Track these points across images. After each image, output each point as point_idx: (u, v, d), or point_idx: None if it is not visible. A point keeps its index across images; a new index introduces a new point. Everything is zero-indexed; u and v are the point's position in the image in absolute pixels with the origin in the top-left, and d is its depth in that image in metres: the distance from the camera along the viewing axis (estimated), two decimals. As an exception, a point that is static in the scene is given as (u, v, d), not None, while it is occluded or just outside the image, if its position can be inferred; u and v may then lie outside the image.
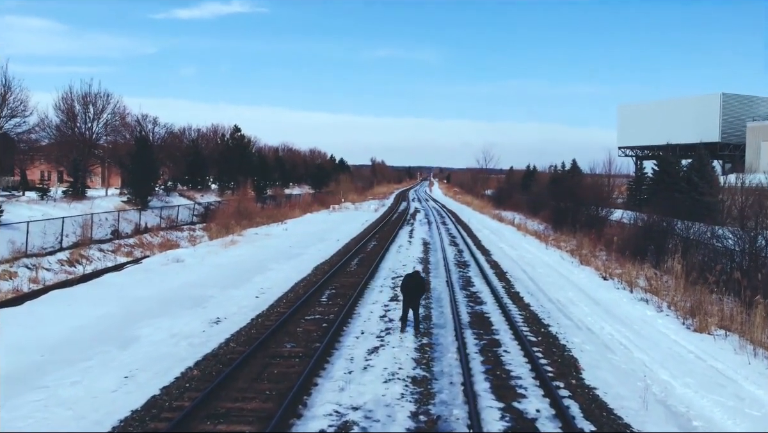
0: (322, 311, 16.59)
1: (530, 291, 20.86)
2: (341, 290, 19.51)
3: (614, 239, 35.88)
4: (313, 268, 24.41)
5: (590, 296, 20.88)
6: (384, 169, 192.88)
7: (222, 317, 16.20)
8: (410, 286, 14.49)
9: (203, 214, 48.65)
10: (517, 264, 27.59)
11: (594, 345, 14.51)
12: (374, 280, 21.60)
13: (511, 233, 44.59)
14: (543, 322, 16.22)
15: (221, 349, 13.13)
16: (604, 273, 26.65)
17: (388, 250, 29.97)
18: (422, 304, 17.40)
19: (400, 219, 51.57)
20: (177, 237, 39.54)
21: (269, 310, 16.79)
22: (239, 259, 27.16)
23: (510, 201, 76.76)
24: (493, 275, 23.64)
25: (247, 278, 22.27)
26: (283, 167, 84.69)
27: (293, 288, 20.04)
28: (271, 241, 34.61)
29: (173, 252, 29.47)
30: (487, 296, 19.25)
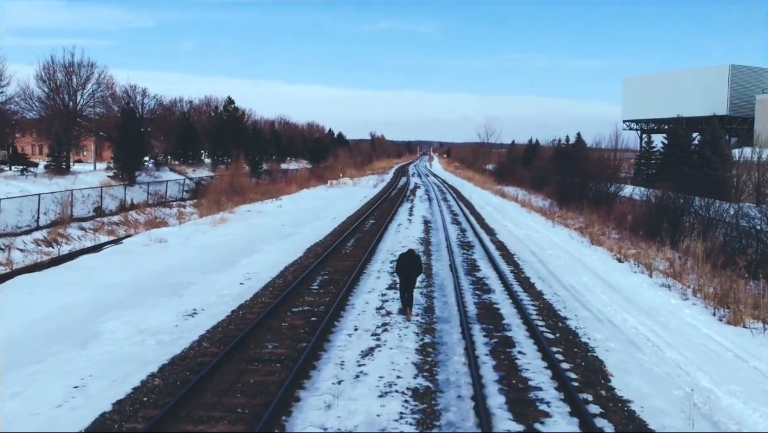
0: (312, 301, 14.81)
1: (541, 276, 19.09)
2: (335, 276, 17.74)
3: (628, 217, 34.12)
4: (305, 249, 22.62)
5: (606, 282, 19.12)
6: (383, 144, 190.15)
7: (199, 308, 14.43)
8: (406, 266, 13.47)
9: (194, 190, 46.73)
10: (525, 244, 25.80)
11: (619, 342, 12.76)
12: (371, 263, 19.81)
13: (515, 210, 42.76)
14: (559, 314, 14.45)
15: (192, 350, 11.37)
16: (618, 254, 24.89)
17: (387, 229, 28.15)
18: (424, 293, 15.66)
19: (400, 195, 49.68)
20: (165, 214, 37.69)
21: (253, 300, 15.01)
22: (227, 239, 25.36)
23: (512, 176, 74.75)
24: (500, 257, 21.85)
25: (233, 261, 20.49)
26: (280, 141, 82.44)
27: (282, 273, 18.25)
28: (264, 219, 32.79)
29: (157, 231, 27.64)
30: (495, 282, 17.47)
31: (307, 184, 61.02)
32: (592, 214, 39.03)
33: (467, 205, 43.03)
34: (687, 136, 50.66)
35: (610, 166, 43.71)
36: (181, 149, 57.47)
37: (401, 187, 61.27)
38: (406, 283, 13.56)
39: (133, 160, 42.49)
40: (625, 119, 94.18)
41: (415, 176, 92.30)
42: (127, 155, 41.85)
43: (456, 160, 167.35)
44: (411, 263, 13.56)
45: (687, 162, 47.33)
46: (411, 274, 13.52)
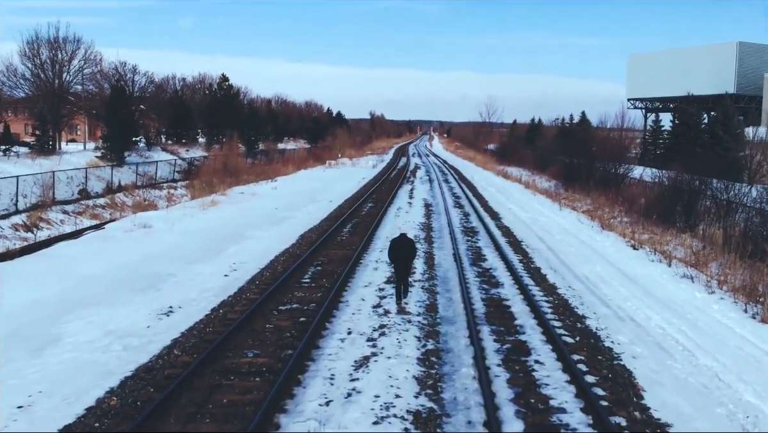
0: (302, 297, 13.35)
1: (552, 266, 17.63)
2: (328, 267, 16.27)
3: (641, 200, 32.61)
4: (298, 236, 21.13)
5: (623, 271, 17.66)
6: (383, 123, 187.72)
7: (177, 305, 12.98)
8: (399, 252, 12.54)
9: (186, 170, 45.11)
10: (532, 230, 24.31)
11: (646, 346, 11.32)
12: (368, 253, 18.33)
13: (519, 192, 41.22)
14: (576, 312, 13.00)
15: (161, 358, 9.92)
16: (631, 240, 23.43)
17: (386, 213, 26.64)
18: (426, 287, 14.21)
19: (400, 176, 48.09)
20: (155, 197, 36.16)
21: (237, 296, 13.55)
22: (216, 224, 23.85)
23: (515, 156, 73.03)
24: (507, 244, 20.38)
25: (220, 248, 19.02)
26: (277, 120, 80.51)
27: (272, 264, 16.78)
28: (257, 201, 31.26)
29: (143, 215, 26.11)
30: (503, 273, 16.00)
31: (305, 165, 59.34)
32: (600, 196, 37.52)
33: (469, 187, 41.49)
34: (697, 115, 48.87)
35: (618, 146, 42.02)
36: (174, 129, 55.66)
37: (401, 168, 59.65)
38: (400, 270, 12.62)
39: (123, 139, 40.79)
40: (630, 98, 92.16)
41: (415, 156, 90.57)
42: (117, 135, 40.16)
43: (456, 139, 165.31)
44: (404, 249, 12.56)
45: (697, 142, 45.64)
46: (405, 260, 12.57)
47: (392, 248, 12.68)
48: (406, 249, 12.56)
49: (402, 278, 12.68)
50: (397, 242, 12.67)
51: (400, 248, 12.54)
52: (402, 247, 12.55)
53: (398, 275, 12.73)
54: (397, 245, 12.59)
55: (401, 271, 12.62)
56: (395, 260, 12.64)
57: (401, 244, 12.61)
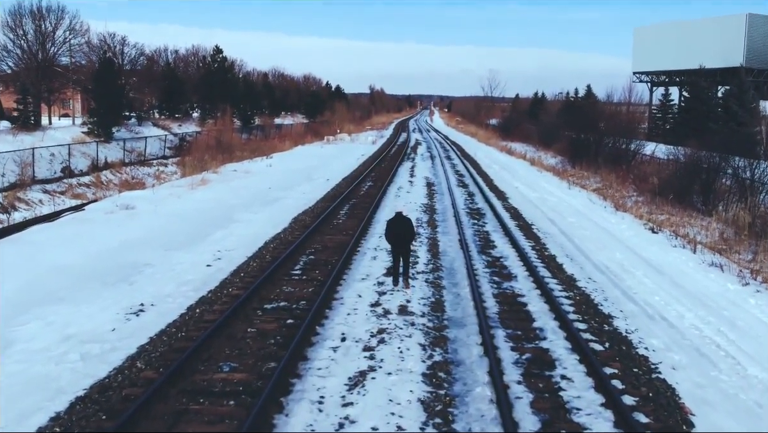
0: (291, 293, 11.85)
1: (568, 253, 16.12)
2: (322, 256, 14.75)
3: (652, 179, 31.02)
4: (291, 219, 19.60)
5: (645, 259, 16.16)
6: (383, 98, 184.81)
7: (150, 302, 11.49)
8: (395, 233, 12.05)
9: (178, 147, 43.38)
10: (541, 211, 22.77)
11: (684, 353, 9.85)
12: (366, 239, 16.80)
13: (524, 169, 39.59)
14: (601, 310, 11.52)
15: (122, 372, 8.46)
16: (648, 222, 21.92)
17: (386, 193, 25.05)
18: (430, 280, 12.71)
19: (400, 153, 46.38)
20: (143, 174, 34.54)
21: (218, 291, 12.05)
22: (204, 205, 22.29)
23: (518, 132, 71.19)
24: (516, 228, 18.85)
25: (205, 233, 17.49)
26: (273, 94, 78.35)
27: (260, 252, 15.26)
28: (250, 180, 29.67)
29: (127, 195, 24.56)
30: (515, 263, 14.48)
31: (302, 141, 57.54)
32: (610, 174, 35.92)
33: (473, 164, 39.84)
34: (709, 88, 46.96)
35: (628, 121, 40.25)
36: (166, 103, 53.71)
37: (401, 144, 57.88)
38: (397, 251, 12.20)
39: (111, 114, 38.96)
40: (636, 71, 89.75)
41: (415, 132, 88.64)
42: (104, 109, 38.35)
43: (457, 114, 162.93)
44: (401, 228, 12.04)
45: (710, 116, 43.85)
46: (402, 241, 12.08)
47: (389, 228, 12.17)
48: (403, 229, 12.03)
49: (401, 258, 12.21)
50: (393, 222, 12.14)
51: (397, 227, 12.04)
52: (399, 226, 12.04)
53: (396, 256, 12.25)
54: (394, 225, 12.09)
55: (399, 251, 12.16)
56: (393, 241, 12.16)
57: (398, 223, 12.08)
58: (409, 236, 12.13)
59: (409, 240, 12.19)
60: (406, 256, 12.32)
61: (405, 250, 12.22)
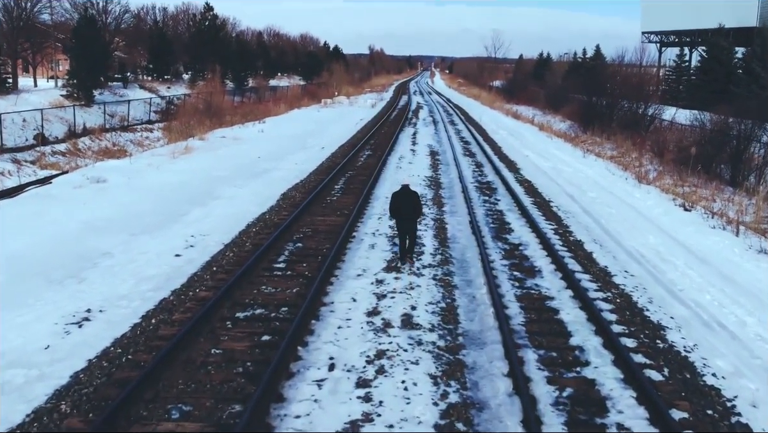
0: (271, 296, 9.77)
1: (596, 237, 14.03)
2: (312, 243, 12.64)
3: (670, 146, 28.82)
4: (280, 195, 17.45)
5: (683, 244, 14.09)
6: (383, 59, 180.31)
7: (98, 306, 9.44)
8: (401, 207, 11.03)
9: (165, 110, 40.90)
10: (557, 184, 20.61)
11: (759, 379, 7.83)
12: (363, 221, 14.66)
13: (533, 135, 37.24)
14: (648, 316, 9.49)
15: (40, 418, 6.43)
16: (677, 197, 19.81)
17: (386, 164, 22.82)
18: (438, 276, 10.64)
19: (401, 117, 43.89)
20: (126, 141, 32.22)
21: (183, 291, 9.99)
22: (184, 177, 20.11)
23: (524, 94, 68.44)
24: (533, 206, 16.71)
25: (180, 212, 15.38)
26: (268, 55, 75.19)
27: (240, 237, 13.16)
28: (239, 148, 27.39)
29: (101, 166, 22.37)
30: (538, 253, 12.38)
31: (298, 104, 54.91)
32: (626, 140, 33.64)
33: (478, 130, 37.44)
34: (730, 49, 44.20)
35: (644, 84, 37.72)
36: (154, 64, 50.89)
37: (402, 108, 55.25)
38: (403, 228, 11.22)
39: (92, 76, 36.39)
40: (644, 31, 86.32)
41: (417, 95, 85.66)
42: (85, 70, 35.77)
43: (459, 76, 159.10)
44: (407, 203, 11.01)
45: (730, 79, 41.25)
46: (409, 216, 11.06)
47: (394, 202, 11.12)
48: (410, 203, 11.00)
49: (407, 234, 11.25)
50: (399, 196, 11.09)
51: (403, 202, 11.00)
52: (405, 201, 11.00)
53: (402, 233, 11.31)
54: (400, 199, 11.04)
55: (405, 228, 11.18)
56: (398, 217, 11.14)
57: (404, 198, 11.04)
58: (415, 212, 11.10)
59: (416, 216, 11.17)
60: (413, 233, 11.31)
61: (411, 227, 11.19)
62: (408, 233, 11.28)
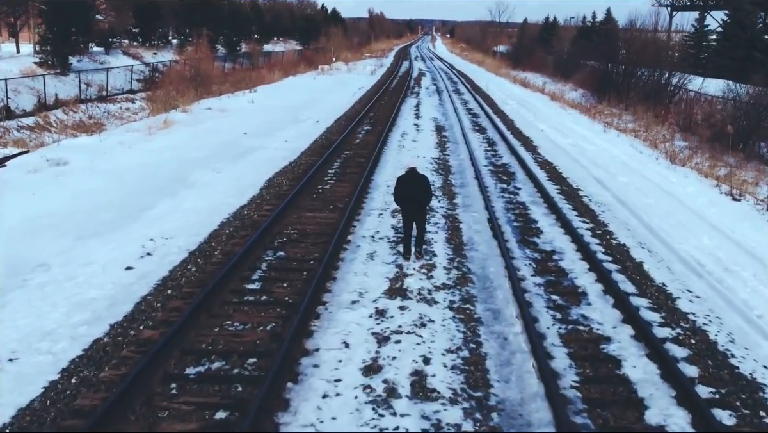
0: (235, 340, 7.42)
1: (640, 239, 11.67)
2: (296, 252, 10.27)
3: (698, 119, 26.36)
4: (264, 182, 15.02)
5: (744, 247, 11.78)
6: (383, 23, 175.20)
7: (7, 354, 7.11)
8: (408, 195, 9.71)
9: (149, 79, 38.12)
10: (582, 166, 18.18)
11: None
12: (361, 218, 12.25)
13: (545, 105, 34.60)
14: (735, 365, 7.18)
15: None
16: (718, 181, 17.44)
17: (386, 142, 20.31)
18: (456, 306, 8.31)
19: (402, 86, 41.10)
20: (104, 113, 29.60)
21: (122, 329, 7.65)
22: (158, 158, 17.65)
23: (530, 60, 65.44)
24: (560, 196, 14.31)
25: (144, 205, 12.99)
26: (263, 18, 71.72)
27: (209, 242, 10.77)
28: (224, 121, 24.83)
29: (66, 144, 19.95)
30: (578, 265, 10.01)
31: (294, 71, 51.90)
32: (646, 112, 31.08)
33: (486, 100, 34.73)
34: (754, 12, 41.19)
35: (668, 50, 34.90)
36: (141, 29, 47.81)
37: (403, 75, 52.29)
38: (409, 216, 9.80)
39: (67, 40, 33.54)
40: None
41: (418, 60, 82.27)
42: (60, 34, 32.93)
43: (461, 40, 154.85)
44: (415, 189, 9.68)
45: (754, 45, 38.40)
46: (416, 204, 9.72)
47: (399, 188, 9.77)
48: (417, 189, 9.66)
49: (414, 224, 9.85)
50: (405, 181, 9.74)
51: (410, 187, 9.65)
52: (412, 186, 9.66)
53: (407, 222, 9.81)
54: (406, 184, 9.70)
55: (412, 217, 9.76)
56: (404, 205, 9.78)
57: (411, 182, 9.69)
58: (424, 199, 9.75)
59: (425, 203, 9.83)
60: (421, 224, 9.94)
61: (419, 216, 9.83)
62: (416, 223, 9.85)
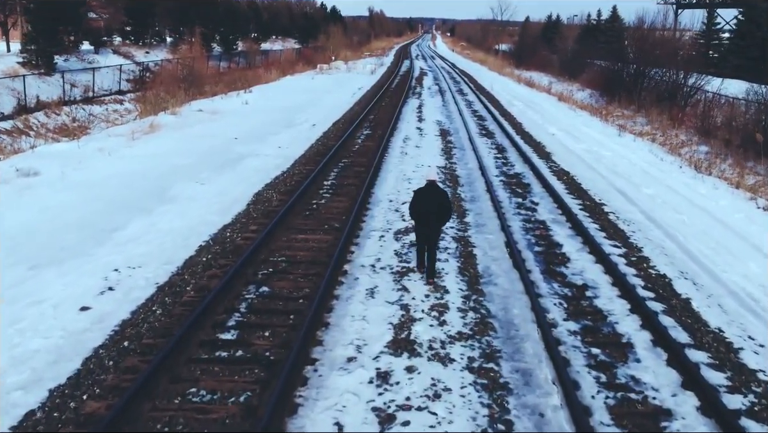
0: (203, 410, 5.91)
1: (681, 267, 10.15)
2: (283, 288, 8.73)
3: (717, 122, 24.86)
4: (252, 196, 13.50)
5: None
6: (383, 21, 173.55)
7: None
8: (424, 207, 8.78)
9: (140, 79, 36.59)
10: (601, 176, 16.65)
11: None
12: (360, 241, 10.68)
13: (553, 106, 33.06)
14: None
15: None
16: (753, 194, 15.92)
17: (388, 149, 18.77)
18: (475, 363, 6.76)
19: (404, 86, 39.55)
20: (89, 115, 28.07)
21: (61, 401, 6.13)
22: (138, 167, 16.13)
23: (534, 59, 63.84)
24: (583, 212, 12.78)
25: (115, 225, 11.46)
26: (261, 16, 70.17)
27: (182, 273, 9.25)
28: (215, 125, 23.30)
29: (42, 151, 18.37)
30: (616, 304, 8.50)
31: (292, 70, 50.38)
32: (660, 114, 29.55)
33: (491, 101, 33.19)
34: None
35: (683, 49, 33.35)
36: (133, 27, 46.26)
37: (404, 75, 50.74)
38: (424, 233, 8.99)
39: (52, 39, 32.03)
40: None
41: (419, 59, 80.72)
42: (44, 32, 31.41)
43: (462, 39, 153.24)
44: (431, 204, 8.82)
45: (771, 43, 36.87)
46: (432, 221, 8.86)
47: (416, 202, 8.93)
48: (433, 204, 8.80)
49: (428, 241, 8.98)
50: (422, 195, 8.91)
51: (426, 202, 8.80)
52: (428, 201, 8.81)
53: (421, 240, 9.10)
54: (423, 199, 8.86)
55: (425, 235, 8.97)
56: (419, 221, 8.96)
57: (428, 197, 8.85)
58: (439, 217, 8.86)
59: (441, 221, 8.95)
60: (432, 245, 8.96)
61: (433, 236, 8.93)
62: (429, 241, 8.94)
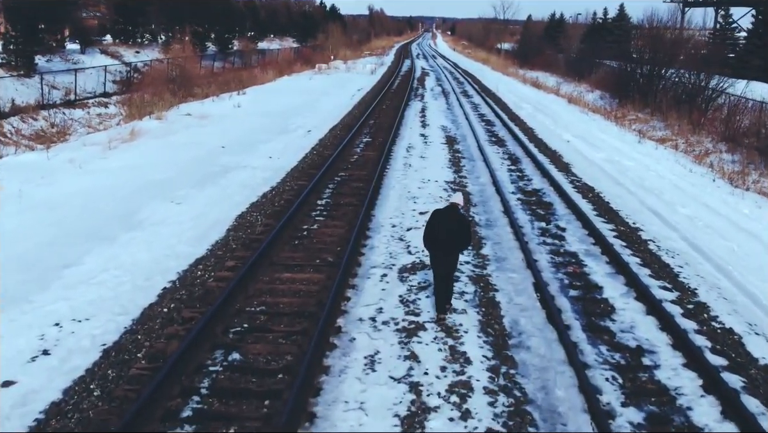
0: None
1: (743, 313, 8.44)
2: (260, 352, 6.94)
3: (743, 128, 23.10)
4: (234, 218, 11.69)
5: None
6: (383, 20, 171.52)
7: None
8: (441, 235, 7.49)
9: (127, 80, 34.75)
10: (629, 191, 14.86)
11: None
12: (358, 282, 8.85)
13: (563, 109, 31.26)
14: None
15: None
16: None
17: (389, 160, 16.95)
18: None
19: (405, 87, 37.72)
20: (70, 119, 26.26)
21: None
22: (110, 181, 14.35)
23: (538, 59, 61.96)
24: (617, 239, 10.99)
25: (68, 259, 9.70)
26: (258, 15, 68.30)
27: (136, 328, 7.46)
28: (202, 131, 21.52)
29: (6, 163, 16.60)
30: (676, 367, 6.74)
31: (289, 70, 48.54)
32: (680, 118, 27.75)
33: (498, 104, 31.36)
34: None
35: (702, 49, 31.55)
36: (123, 25, 44.40)
37: (405, 75, 48.91)
38: (440, 265, 7.61)
39: (32, 37, 30.19)
40: (669, -11, 79.12)
41: (420, 58, 78.89)
42: (23, 31, 29.58)
43: (463, 38, 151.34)
44: (449, 230, 7.44)
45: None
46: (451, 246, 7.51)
47: (431, 229, 7.62)
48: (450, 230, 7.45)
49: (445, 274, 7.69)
50: (438, 219, 7.60)
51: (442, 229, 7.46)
52: (444, 228, 7.46)
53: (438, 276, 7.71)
54: (438, 224, 7.54)
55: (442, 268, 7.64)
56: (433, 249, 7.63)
57: (444, 223, 7.51)
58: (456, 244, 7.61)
59: (461, 248, 7.74)
60: (448, 277, 7.80)
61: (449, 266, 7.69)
62: (446, 274, 7.71)
